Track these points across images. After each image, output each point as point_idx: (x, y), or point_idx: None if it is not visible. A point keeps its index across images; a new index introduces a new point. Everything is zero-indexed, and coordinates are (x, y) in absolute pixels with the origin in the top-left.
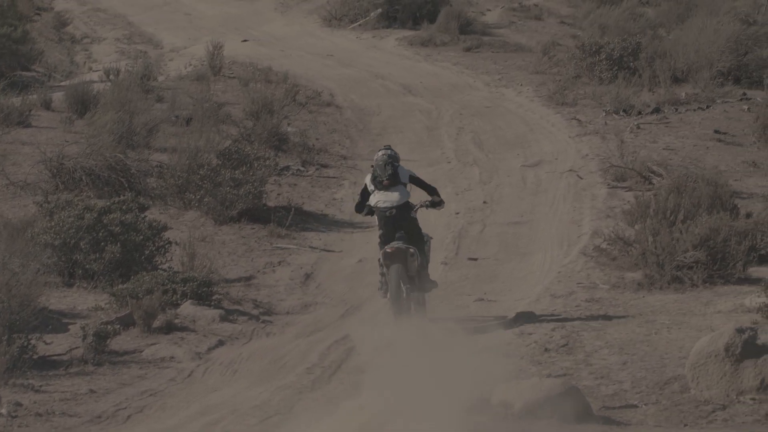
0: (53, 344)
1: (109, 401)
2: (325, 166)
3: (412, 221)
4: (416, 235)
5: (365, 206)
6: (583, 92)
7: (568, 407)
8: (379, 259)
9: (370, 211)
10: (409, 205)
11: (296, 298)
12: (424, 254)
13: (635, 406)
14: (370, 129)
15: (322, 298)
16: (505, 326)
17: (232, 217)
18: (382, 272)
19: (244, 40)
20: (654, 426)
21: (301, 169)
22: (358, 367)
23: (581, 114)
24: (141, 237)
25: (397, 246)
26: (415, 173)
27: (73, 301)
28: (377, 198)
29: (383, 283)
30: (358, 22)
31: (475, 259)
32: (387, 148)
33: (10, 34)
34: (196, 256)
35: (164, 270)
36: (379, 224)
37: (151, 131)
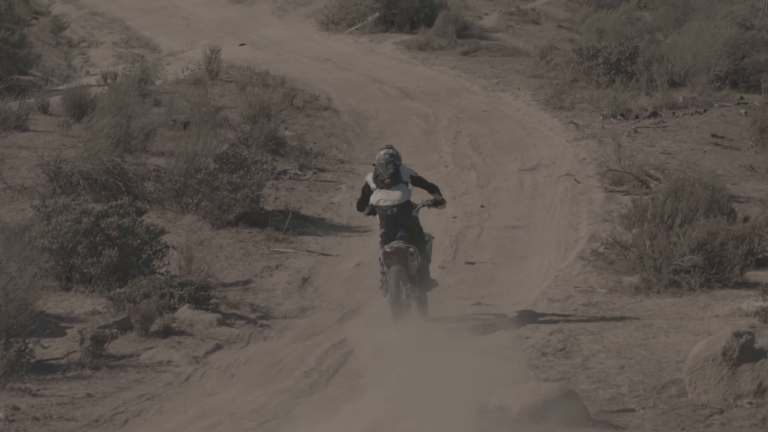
0: (51, 348)
1: (107, 405)
2: (322, 170)
3: (413, 220)
4: (417, 235)
5: (367, 206)
6: (581, 96)
7: (566, 411)
8: (379, 259)
9: (372, 211)
10: (411, 204)
11: (294, 302)
12: (425, 253)
13: (633, 410)
14: (367, 133)
15: (320, 302)
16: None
17: (229, 221)
18: (382, 271)
19: (242, 44)
20: (651, 430)
21: (299, 173)
22: (356, 371)
23: (578, 118)
24: (138, 241)
25: (397, 246)
26: (417, 172)
27: (71, 305)
28: (379, 196)
29: (383, 282)
30: (356, 26)
31: (473, 263)
32: (389, 147)
33: (7, 38)
34: (193, 260)
35: (162, 274)
36: (380, 223)
37: (148, 135)
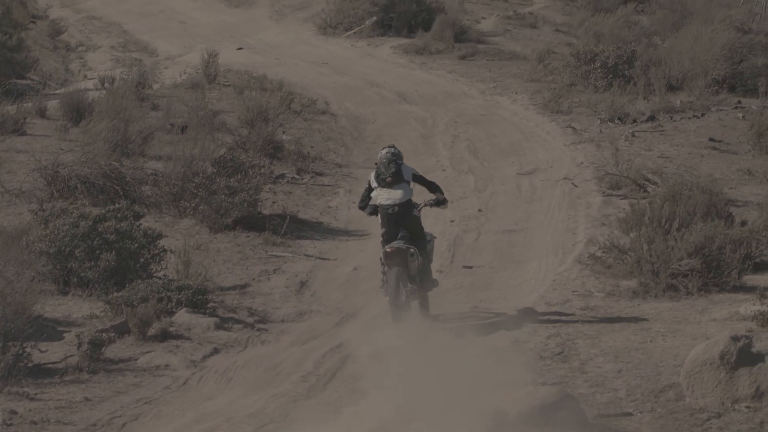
0: (48, 352)
1: (104, 409)
2: (320, 174)
3: (415, 220)
4: (418, 234)
5: (369, 206)
6: (578, 100)
7: (563, 415)
8: (380, 258)
9: (374, 211)
10: (412, 203)
11: (291, 306)
12: (425, 253)
13: (630, 414)
14: (365, 137)
15: (317, 306)
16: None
17: (227, 225)
18: (383, 271)
19: (239, 48)
20: None
21: (296, 177)
22: (354, 374)
23: (576, 122)
24: (136, 245)
25: (397, 246)
26: (418, 171)
27: (68, 309)
28: (380, 195)
29: (384, 281)
30: (353, 30)
31: (470, 267)
32: (390, 146)
33: (5, 42)
34: (191, 264)
35: (159, 278)
36: (381, 222)
37: (146, 139)
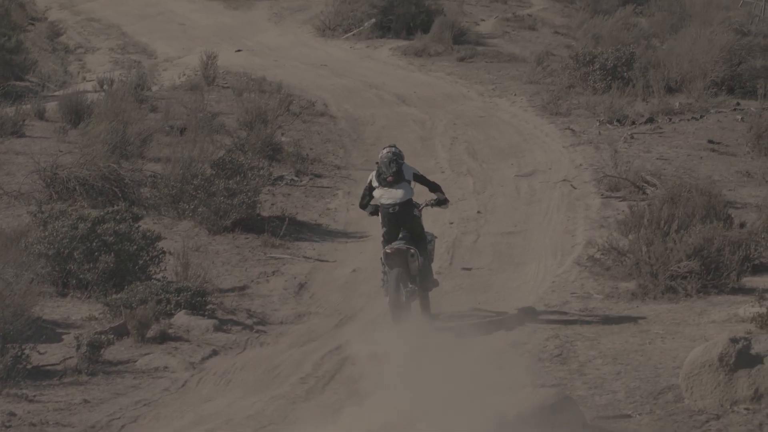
0: (47, 354)
1: (103, 411)
2: (318, 176)
3: (415, 219)
4: (419, 234)
5: (370, 205)
6: (577, 102)
7: (562, 417)
8: (381, 258)
9: (375, 211)
10: (413, 202)
11: (290, 308)
12: (426, 254)
13: (629, 416)
14: (364, 139)
15: (316, 308)
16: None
17: (225, 227)
18: (384, 271)
19: (238, 50)
20: None
21: (295, 179)
22: (352, 376)
23: (575, 124)
24: (135, 247)
25: (398, 247)
26: (419, 171)
27: (67, 311)
28: (381, 194)
29: (384, 281)
30: (352, 32)
31: (469, 269)
32: (392, 146)
33: (3, 44)
34: (190, 266)
35: (158, 280)
36: (382, 222)
37: (144, 141)
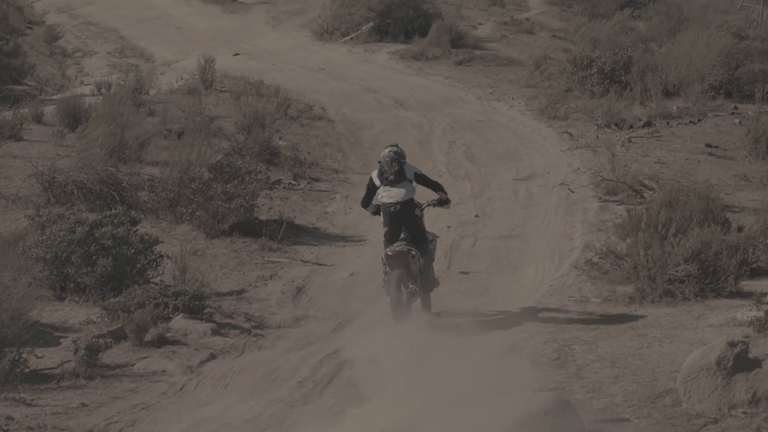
0: (45, 358)
1: (101, 415)
2: (316, 180)
3: (417, 219)
4: (420, 235)
5: (372, 205)
6: (575, 106)
7: (560, 421)
8: (382, 258)
9: (377, 211)
10: (414, 201)
11: (288, 312)
12: (427, 254)
13: (627, 420)
14: (361, 143)
15: (314, 311)
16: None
17: (223, 231)
18: (385, 271)
19: (236, 54)
20: None
21: (293, 182)
22: (350, 380)
23: (573, 128)
24: (133, 251)
25: (399, 249)
26: (421, 170)
27: (65, 315)
28: (383, 193)
29: (386, 281)
30: (350, 36)
31: (467, 273)
32: (393, 145)
33: (1, 48)
34: (187, 270)
35: (156, 284)
36: (383, 221)
37: (142, 145)
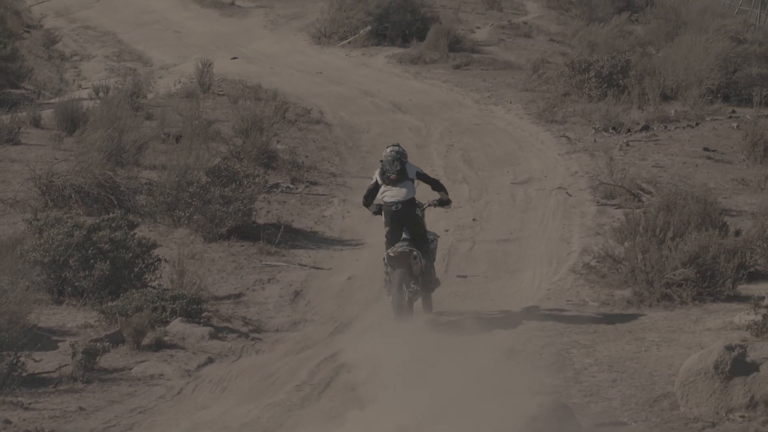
0: (42, 362)
1: (99, 419)
2: (314, 184)
3: (418, 219)
4: (421, 235)
5: (374, 205)
6: (573, 110)
7: (558, 425)
8: (384, 258)
9: (379, 210)
10: (415, 201)
11: (285, 316)
12: (429, 254)
13: (625, 424)
14: (359, 146)
15: (312, 315)
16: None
17: (221, 235)
18: (386, 271)
19: (234, 58)
20: None
21: (291, 186)
22: (348, 383)
23: (570, 131)
24: (130, 254)
25: (401, 250)
26: (422, 170)
27: (63, 319)
28: (384, 192)
29: (387, 281)
30: (348, 40)
31: (465, 277)
32: (395, 144)
33: None
34: (185, 274)
35: (153, 287)
36: (385, 221)
37: (140, 149)
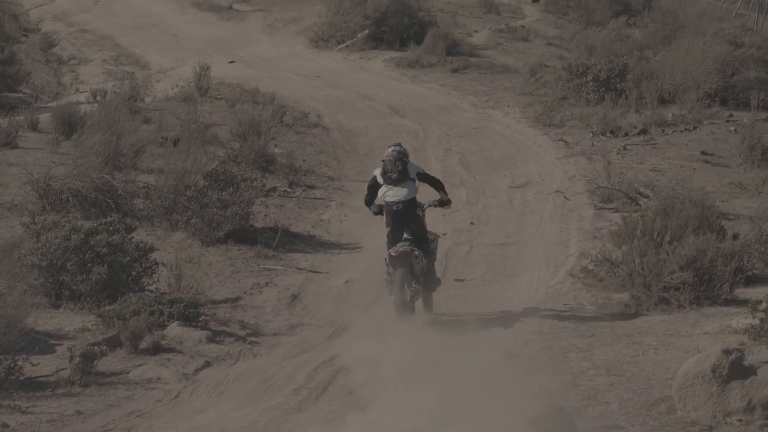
0: (40, 365)
1: (96, 423)
2: (312, 187)
3: (419, 220)
4: (422, 235)
5: (375, 205)
6: (570, 113)
7: (555, 429)
8: (385, 258)
9: (380, 210)
10: (416, 201)
11: (283, 319)
12: (429, 254)
13: (622, 428)
14: (357, 150)
15: (309, 319)
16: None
17: (219, 239)
18: (388, 271)
19: (231, 62)
20: None
21: (288, 190)
22: (345, 387)
23: (568, 135)
24: (128, 258)
25: (403, 250)
26: (423, 169)
27: (60, 323)
28: (386, 192)
29: (389, 281)
30: (345, 44)
31: (462, 280)
32: (397, 144)
33: None
34: (183, 278)
35: (151, 291)
36: (386, 221)
37: (138, 152)
